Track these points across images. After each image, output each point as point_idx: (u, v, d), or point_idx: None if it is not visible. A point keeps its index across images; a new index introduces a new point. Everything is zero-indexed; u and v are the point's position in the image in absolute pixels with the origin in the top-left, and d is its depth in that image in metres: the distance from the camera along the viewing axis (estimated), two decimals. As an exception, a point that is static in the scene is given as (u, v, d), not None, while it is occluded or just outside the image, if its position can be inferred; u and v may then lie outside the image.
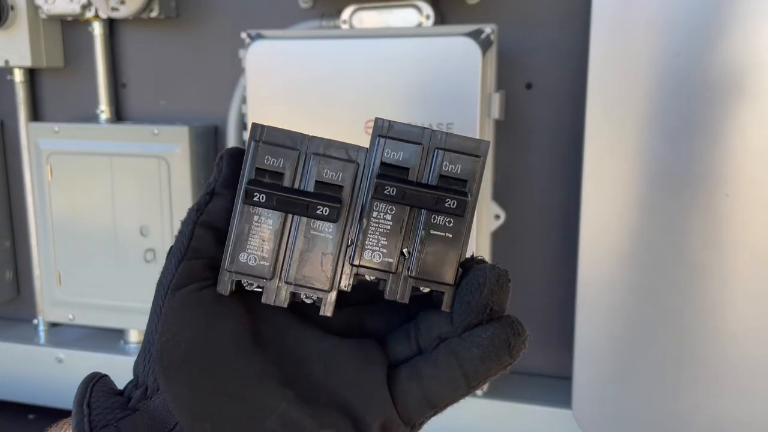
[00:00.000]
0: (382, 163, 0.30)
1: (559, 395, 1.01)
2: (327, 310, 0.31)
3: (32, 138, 1.20)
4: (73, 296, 1.21)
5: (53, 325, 1.30)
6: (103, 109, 1.19)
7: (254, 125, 0.31)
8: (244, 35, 0.96)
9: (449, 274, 0.30)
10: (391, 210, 0.30)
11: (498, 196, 0.99)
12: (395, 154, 0.30)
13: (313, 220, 0.30)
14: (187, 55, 1.16)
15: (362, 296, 0.33)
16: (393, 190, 0.29)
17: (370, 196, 0.30)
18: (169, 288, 0.30)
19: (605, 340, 0.91)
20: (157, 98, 1.20)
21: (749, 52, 0.80)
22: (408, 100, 0.89)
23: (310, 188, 0.30)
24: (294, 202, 0.30)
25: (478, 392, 0.99)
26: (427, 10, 0.96)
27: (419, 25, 0.96)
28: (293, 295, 0.31)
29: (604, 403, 0.92)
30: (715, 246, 0.85)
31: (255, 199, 0.30)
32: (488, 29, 0.88)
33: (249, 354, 0.30)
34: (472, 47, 0.86)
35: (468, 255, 0.31)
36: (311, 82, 0.92)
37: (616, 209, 0.88)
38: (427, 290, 0.31)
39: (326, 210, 0.30)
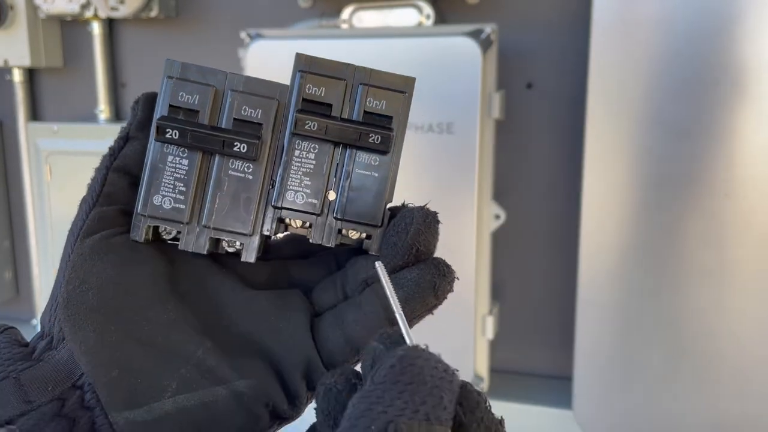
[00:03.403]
0: (304, 100, 0.28)
1: (559, 395, 1.01)
2: (249, 256, 0.29)
3: (31, 138, 1.20)
4: (73, 296, 1.21)
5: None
6: (103, 109, 1.19)
7: (168, 61, 0.29)
8: (243, 35, 0.96)
9: (376, 215, 0.28)
10: (314, 148, 0.28)
11: (498, 196, 0.99)
12: (317, 89, 0.28)
13: (231, 160, 0.28)
14: (186, 55, 1.16)
15: (293, 251, 0.32)
16: (314, 125, 0.28)
17: (290, 132, 0.28)
18: (78, 235, 0.28)
19: (605, 340, 0.91)
20: (156, 98, 1.20)
21: (749, 52, 0.80)
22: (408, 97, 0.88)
23: (228, 126, 0.28)
24: (209, 138, 0.28)
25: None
26: (427, 9, 0.96)
27: (419, 24, 0.96)
28: (215, 243, 0.29)
29: (604, 403, 0.92)
30: (715, 246, 0.85)
31: (168, 135, 0.28)
32: (488, 29, 0.88)
33: (164, 302, 0.28)
34: (472, 47, 0.86)
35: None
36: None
37: (616, 209, 0.88)
38: (356, 236, 0.29)
39: (244, 146, 0.28)
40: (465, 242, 0.89)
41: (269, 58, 0.93)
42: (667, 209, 0.86)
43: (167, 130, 0.28)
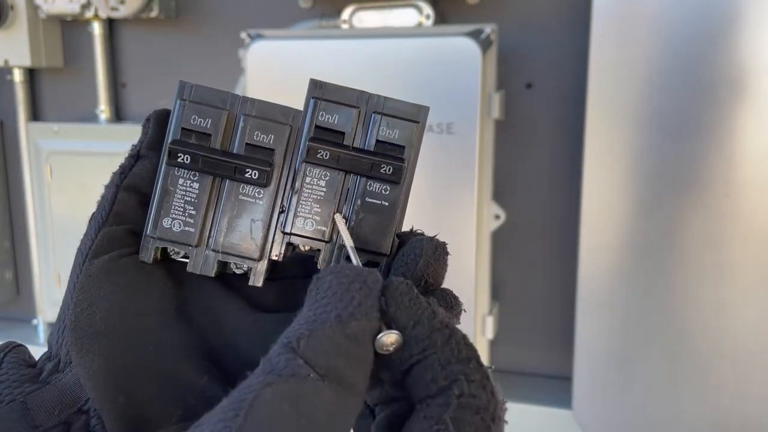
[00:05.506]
0: (316, 127, 0.29)
1: (559, 395, 1.01)
2: (257, 280, 0.29)
3: (32, 138, 1.20)
4: (73, 296, 1.21)
5: (52, 325, 1.30)
6: (103, 109, 1.19)
7: (181, 83, 0.29)
8: (244, 35, 0.96)
9: (384, 244, 0.29)
10: (325, 176, 0.29)
11: (498, 196, 0.99)
12: (330, 117, 0.29)
13: (242, 184, 0.29)
14: (187, 55, 1.16)
15: (300, 270, 0.31)
16: (326, 153, 0.28)
17: (302, 160, 0.29)
18: (87, 255, 0.28)
19: (605, 340, 0.91)
20: (157, 98, 1.20)
21: (749, 52, 0.80)
22: (408, 100, 0.88)
23: (240, 151, 0.29)
24: (221, 164, 0.28)
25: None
26: (427, 9, 0.96)
27: (419, 24, 0.96)
28: (222, 265, 0.29)
29: (604, 403, 0.92)
30: (715, 246, 0.85)
31: (179, 159, 0.28)
32: (488, 29, 0.88)
33: (171, 326, 0.28)
34: (472, 47, 0.86)
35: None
36: (311, 82, 0.92)
37: (616, 209, 0.88)
38: (363, 261, 0.29)
39: (255, 173, 0.28)
40: (465, 242, 0.89)
41: (269, 59, 0.93)
42: (667, 209, 0.86)
43: (179, 154, 0.28)
